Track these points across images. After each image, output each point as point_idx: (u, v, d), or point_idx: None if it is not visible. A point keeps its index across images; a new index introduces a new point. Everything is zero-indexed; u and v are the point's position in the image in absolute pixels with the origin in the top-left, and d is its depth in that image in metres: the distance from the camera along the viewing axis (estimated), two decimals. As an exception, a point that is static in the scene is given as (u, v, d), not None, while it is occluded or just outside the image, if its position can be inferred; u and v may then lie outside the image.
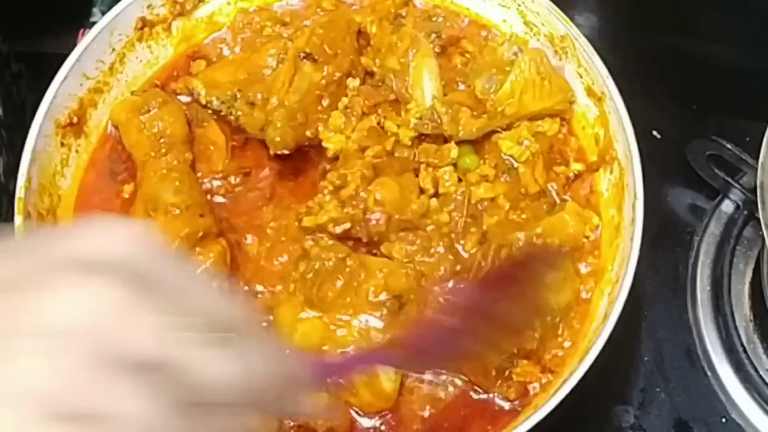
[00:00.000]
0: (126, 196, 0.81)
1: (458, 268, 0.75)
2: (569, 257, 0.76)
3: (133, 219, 0.76)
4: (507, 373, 0.73)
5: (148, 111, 0.80)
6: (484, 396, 0.74)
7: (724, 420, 0.83)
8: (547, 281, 0.68)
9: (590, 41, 0.81)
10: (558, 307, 0.75)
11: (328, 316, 0.73)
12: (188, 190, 0.77)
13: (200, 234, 0.75)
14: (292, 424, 0.71)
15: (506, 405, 0.74)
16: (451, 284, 0.73)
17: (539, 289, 0.67)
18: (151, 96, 0.81)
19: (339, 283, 0.73)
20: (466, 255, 0.76)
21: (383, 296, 0.73)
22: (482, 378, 0.74)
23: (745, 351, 0.83)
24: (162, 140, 0.79)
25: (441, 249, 0.76)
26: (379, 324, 0.73)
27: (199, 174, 0.81)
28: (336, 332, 0.73)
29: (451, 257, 0.75)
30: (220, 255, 0.75)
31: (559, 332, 0.75)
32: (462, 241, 0.76)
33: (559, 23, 0.82)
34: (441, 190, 0.77)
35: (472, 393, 0.74)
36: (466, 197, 0.77)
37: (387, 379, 0.72)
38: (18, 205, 0.74)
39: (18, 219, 0.74)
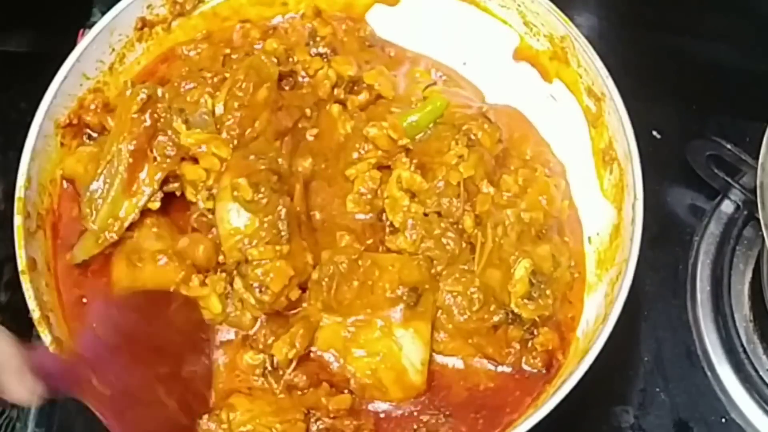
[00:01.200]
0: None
1: (464, 245, 0.76)
2: (557, 231, 0.80)
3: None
4: (530, 344, 0.76)
5: None
6: (509, 369, 0.76)
7: (724, 420, 0.83)
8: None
9: (590, 41, 0.81)
10: (560, 277, 0.78)
11: (348, 320, 0.74)
12: (169, 234, 0.77)
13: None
14: (321, 426, 0.72)
15: (535, 374, 0.76)
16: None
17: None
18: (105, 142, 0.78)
19: (355, 284, 0.74)
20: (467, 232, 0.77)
21: (399, 290, 0.74)
22: (506, 353, 0.76)
23: (745, 351, 0.83)
24: None
25: (443, 227, 0.77)
26: (399, 318, 0.73)
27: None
28: (360, 335, 0.73)
29: (455, 235, 0.76)
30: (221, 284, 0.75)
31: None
32: (460, 225, 0.77)
33: (559, 23, 0.82)
34: (415, 188, 0.78)
35: (501, 369, 0.76)
36: (448, 180, 0.78)
37: (414, 371, 0.73)
38: (18, 205, 0.74)
39: (18, 219, 0.74)
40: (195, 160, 0.76)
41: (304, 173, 0.79)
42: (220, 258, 0.75)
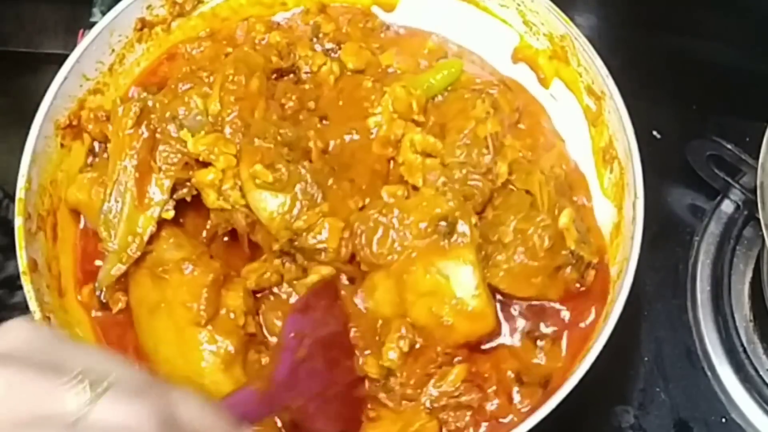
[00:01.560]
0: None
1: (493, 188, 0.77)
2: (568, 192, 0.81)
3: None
4: (579, 287, 0.76)
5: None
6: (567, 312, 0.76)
7: (724, 420, 0.83)
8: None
9: (590, 41, 0.81)
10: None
11: (390, 269, 0.73)
12: (187, 241, 0.77)
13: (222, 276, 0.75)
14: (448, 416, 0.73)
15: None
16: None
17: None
18: (103, 166, 0.78)
19: (389, 233, 0.74)
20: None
21: (431, 226, 0.73)
22: (564, 292, 0.76)
23: (745, 351, 0.83)
24: None
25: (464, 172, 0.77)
26: (438, 250, 0.72)
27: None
28: (406, 281, 0.73)
29: (481, 178, 0.77)
30: (247, 293, 0.75)
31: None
32: (490, 175, 0.77)
33: (559, 23, 0.82)
34: (429, 149, 0.78)
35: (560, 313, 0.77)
36: (475, 133, 0.78)
37: (470, 297, 0.72)
38: (18, 206, 0.75)
39: (18, 220, 0.74)
40: (202, 165, 0.76)
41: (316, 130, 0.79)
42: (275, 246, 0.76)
